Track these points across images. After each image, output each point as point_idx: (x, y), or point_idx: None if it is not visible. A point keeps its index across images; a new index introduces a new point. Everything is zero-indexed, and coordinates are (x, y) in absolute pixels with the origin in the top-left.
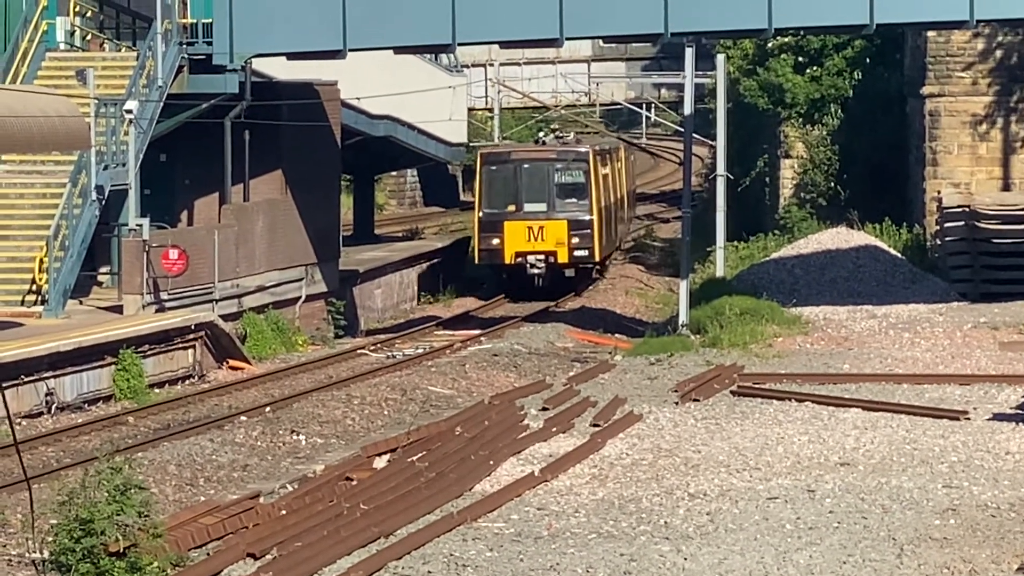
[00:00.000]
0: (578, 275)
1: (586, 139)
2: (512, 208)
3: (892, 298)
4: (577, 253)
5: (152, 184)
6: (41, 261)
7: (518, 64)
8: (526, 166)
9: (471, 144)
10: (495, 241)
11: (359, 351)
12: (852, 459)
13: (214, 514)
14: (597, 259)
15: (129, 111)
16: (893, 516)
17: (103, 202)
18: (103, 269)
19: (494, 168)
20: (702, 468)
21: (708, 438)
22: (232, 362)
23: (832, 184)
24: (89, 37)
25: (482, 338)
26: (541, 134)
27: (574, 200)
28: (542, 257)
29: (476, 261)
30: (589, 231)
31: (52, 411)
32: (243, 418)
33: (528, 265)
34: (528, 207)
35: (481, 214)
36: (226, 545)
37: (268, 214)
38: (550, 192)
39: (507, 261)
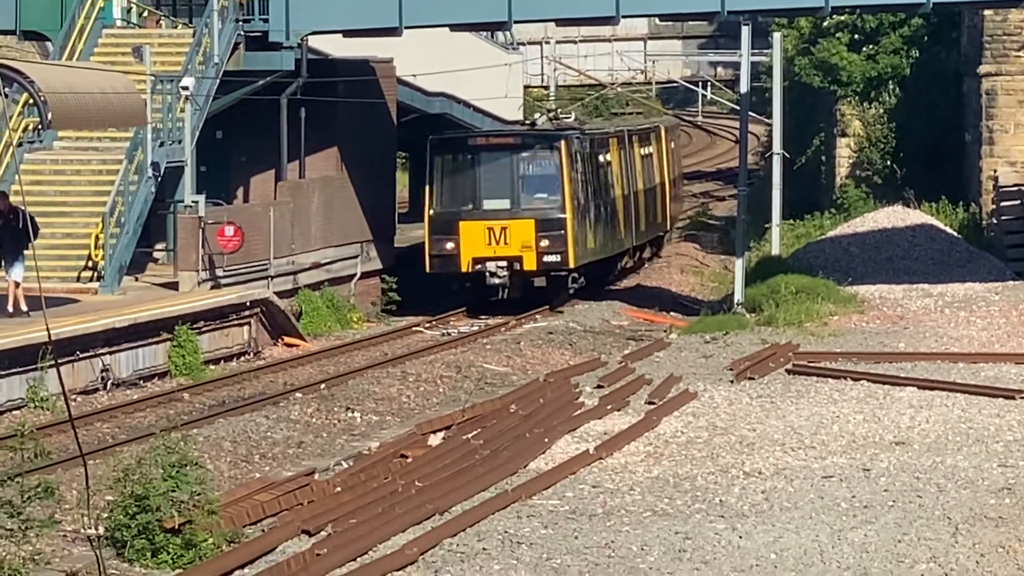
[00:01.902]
0: (550, 285)
1: (613, 121)
2: (469, 206)
3: (948, 277)
4: (547, 259)
5: (208, 161)
6: (97, 237)
7: (574, 42)
8: (485, 155)
9: (527, 121)
10: (449, 245)
11: (414, 328)
12: (907, 438)
13: (269, 491)
14: (572, 265)
15: (185, 88)
16: (948, 495)
17: (159, 179)
18: (159, 246)
19: (447, 157)
20: (757, 446)
21: (763, 416)
22: (287, 339)
23: (888, 163)
24: (145, 14)
25: (537, 316)
26: (536, 115)
27: (544, 195)
28: (504, 264)
29: (427, 270)
30: (561, 232)
31: (108, 387)
32: (298, 395)
33: (488, 274)
34: (488, 204)
35: (432, 212)
36: (281, 522)
37: (323, 191)
38: (514, 186)
39: (464, 269)
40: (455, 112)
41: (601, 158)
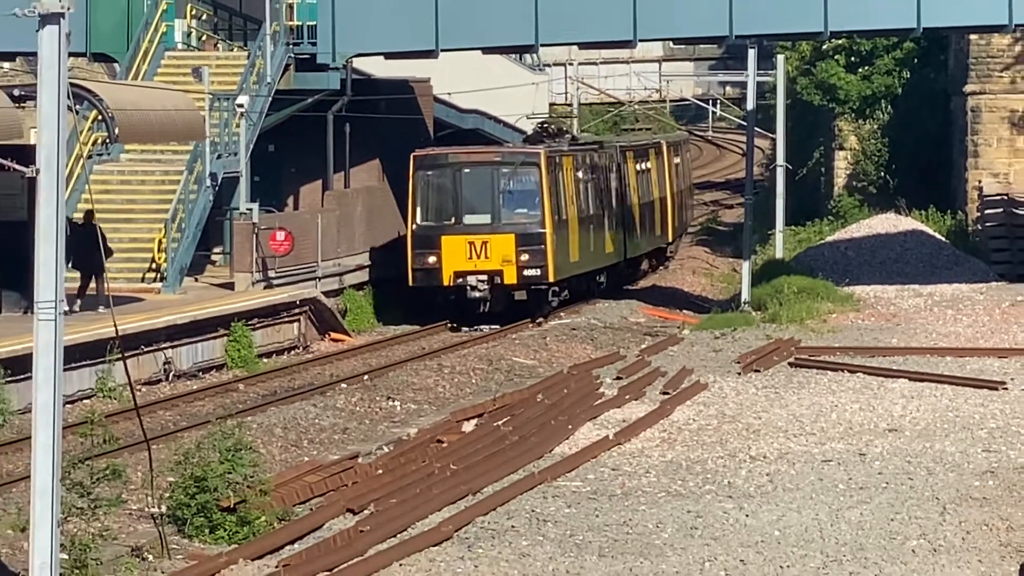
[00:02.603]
0: (531, 299)
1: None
2: (450, 221)
3: (936, 278)
4: (527, 273)
5: (261, 172)
6: (160, 242)
7: (595, 63)
8: (466, 171)
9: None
10: (431, 259)
11: (449, 324)
12: (899, 425)
13: (317, 473)
14: (551, 279)
15: (240, 105)
16: (936, 477)
17: (216, 188)
18: (216, 249)
19: (429, 173)
20: (762, 433)
21: (768, 406)
22: (333, 334)
23: (882, 174)
24: (204, 38)
25: (561, 313)
26: (534, 129)
27: (524, 210)
28: (485, 278)
29: (410, 283)
30: (541, 247)
31: (170, 378)
32: (343, 385)
33: (468, 287)
34: (469, 219)
35: (414, 227)
36: (327, 501)
37: (366, 200)
38: (495, 201)
39: (445, 283)
40: (487, 127)
41: (589, 173)
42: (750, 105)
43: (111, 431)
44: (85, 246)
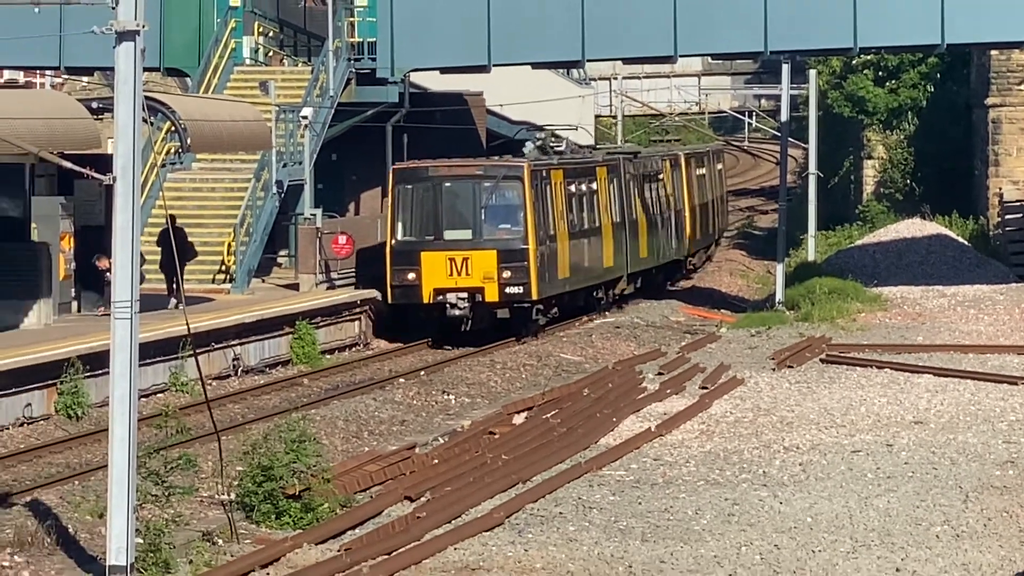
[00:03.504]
0: (514, 317)
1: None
2: (431, 236)
3: (959, 280)
4: (509, 290)
5: (324, 179)
6: (229, 245)
7: (638, 78)
8: (447, 185)
9: (597, 147)
10: (410, 276)
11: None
12: (924, 418)
13: (376, 462)
14: (535, 297)
15: (305, 117)
16: (959, 467)
17: (282, 195)
18: (282, 252)
19: (409, 187)
20: (795, 425)
21: (800, 400)
22: None
23: (907, 181)
24: (271, 53)
25: (606, 312)
26: (529, 144)
27: (507, 226)
28: (465, 296)
29: (389, 300)
30: (524, 263)
31: (238, 373)
32: (401, 380)
33: (448, 305)
34: (449, 234)
35: (394, 243)
36: (386, 489)
37: None
38: (476, 216)
39: (425, 300)
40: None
41: (585, 187)
42: (784, 117)
43: (183, 423)
44: (169, 249)
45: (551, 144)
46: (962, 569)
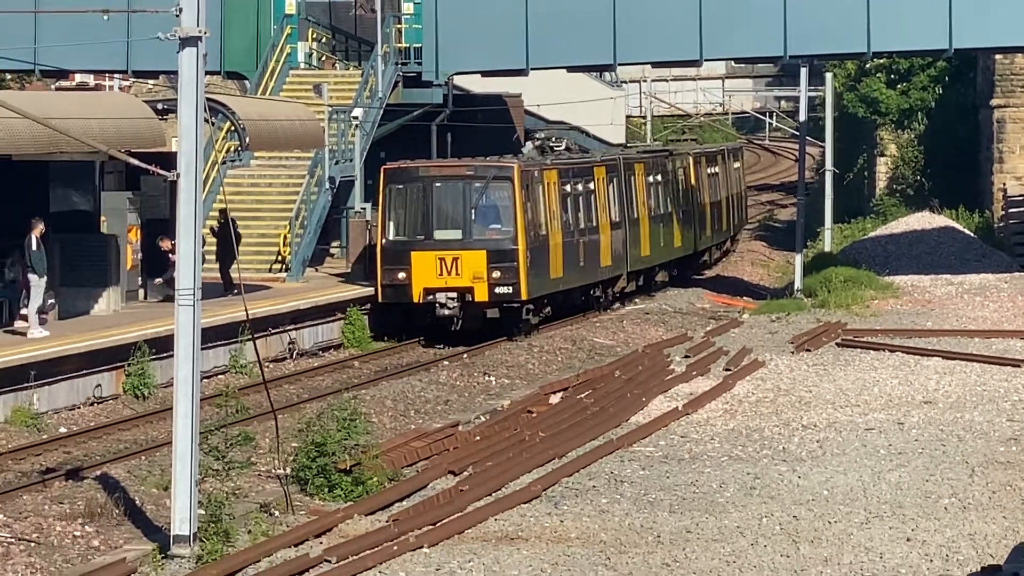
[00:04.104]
0: (504, 317)
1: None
2: (421, 236)
3: (966, 269)
4: (499, 290)
5: (373, 175)
6: (285, 237)
7: (666, 80)
8: (437, 185)
9: (628, 144)
10: (400, 275)
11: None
12: (933, 398)
13: (422, 439)
14: (524, 297)
15: (356, 117)
16: (966, 444)
17: (334, 190)
18: (334, 243)
19: (400, 187)
20: (812, 405)
21: (817, 381)
22: None
23: (918, 177)
24: (324, 58)
25: (636, 300)
26: (528, 144)
27: (497, 226)
28: (455, 295)
29: (379, 299)
30: (514, 263)
31: (293, 356)
32: (445, 363)
33: (438, 305)
34: (439, 234)
35: (384, 242)
36: (431, 464)
37: None
38: (466, 216)
39: (415, 300)
40: (571, 137)
41: (581, 187)
42: (802, 117)
43: (242, 402)
44: (223, 241)
45: (550, 144)
46: (968, 539)
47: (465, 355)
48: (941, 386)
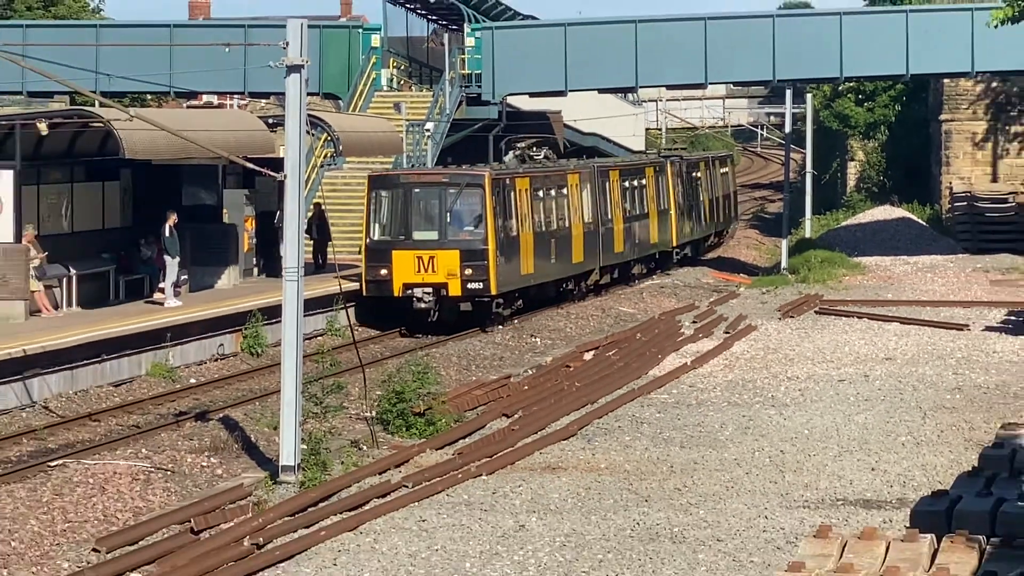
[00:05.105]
0: (476, 309)
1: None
2: (401, 236)
3: (919, 251)
4: (471, 286)
5: None
6: None
7: (677, 100)
8: (416, 191)
9: (647, 152)
10: (383, 271)
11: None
12: (893, 355)
13: (481, 388)
14: (493, 292)
15: (428, 130)
16: (919, 392)
17: None
18: None
19: (383, 192)
20: (795, 361)
21: (799, 341)
22: None
23: (881, 178)
24: (402, 82)
25: (654, 276)
26: (510, 153)
27: (470, 228)
28: (430, 290)
29: (363, 293)
30: (484, 262)
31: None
32: (499, 327)
33: (415, 299)
34: (418, 235)
35: (368, 241)
36: (488, 408)
37: None
38: (442, 219)
39: (396, 293)
40: (601, 145)
41: (554, 192)
42: (787, 129)
43: (336, 359)
44: (320, 231)
45: (529, 155)
46: (921, 469)
47: (516, 320)
48: (899, 346)
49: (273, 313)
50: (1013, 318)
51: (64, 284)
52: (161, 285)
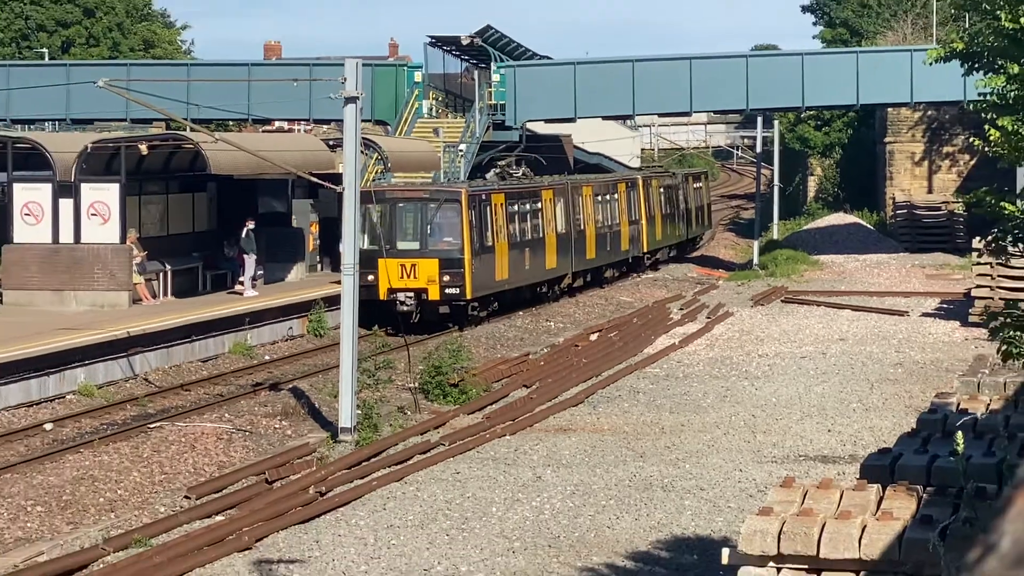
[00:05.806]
0: (453, 312)
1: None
2: (387, 246)
3: (868, 251)
4: (448, 291)
5: None
6: None
7: (667, 125)
8: (400, 205)
9: (642, 168)
10: (370, 277)
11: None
12: (846, 336)
13: (505, 364)
14: (468, 297)
15: (461, 150)
16: (868, 367)
17: None
18: None
19: (371, 206)
20: (765, 341)
21: (768, 325)
22: None
23: (836, 190)
24: (440, 111)
25: (648, 270)
26: (492, 171)
27: (448, 239)
28: (412, 294)
29: None
30: (460, 270)
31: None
32: (520, 313)
33: (398, 302)
34: (401, 245)
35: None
36: (511, 380)
37: None
38: (423, 231)
39: (382, 297)
40: (605, 163)
41: (529, 206)
42: (758, 149)
43: (385, 339)
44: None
45: (509, 172)
46: (869, 431)
47: (535, 307)
48: (851, 329)
49: (333, 302)
50: (945, 306)
51: (161, 278)
52: (241, 278)
